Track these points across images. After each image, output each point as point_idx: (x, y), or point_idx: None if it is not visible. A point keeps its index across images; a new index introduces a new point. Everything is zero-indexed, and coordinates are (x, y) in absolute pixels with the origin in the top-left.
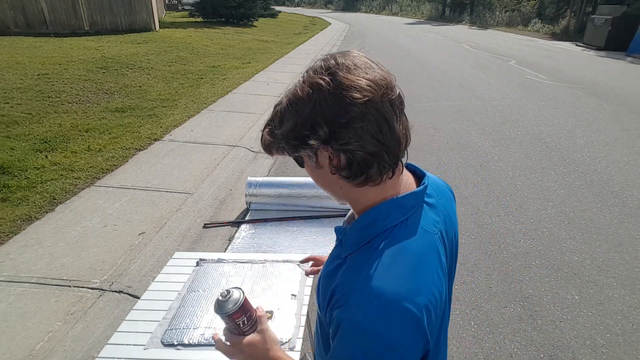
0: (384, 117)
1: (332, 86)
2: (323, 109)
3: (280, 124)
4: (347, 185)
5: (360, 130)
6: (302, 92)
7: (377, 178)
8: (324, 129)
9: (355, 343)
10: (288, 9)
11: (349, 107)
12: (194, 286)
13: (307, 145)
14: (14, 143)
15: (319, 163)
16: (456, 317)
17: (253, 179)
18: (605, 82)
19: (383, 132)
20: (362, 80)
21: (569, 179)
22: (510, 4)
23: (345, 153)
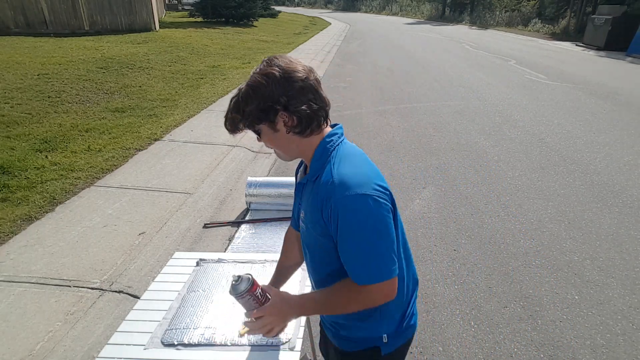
0: (314, 87)
1: (281, 72)
2: (278, 87)
3: (246, 104)
4: (298, 139)
5: (304, 97)
6: (260, 80)
7: (318, 128)
8: (283, 98)
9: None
10: (288, 9)
11: (295, 83)
12: (194, 286)
13: (271, 113)
14: (14, 143)
15: (276, 128)
16: (456, 317)
17: (253, 179)
18: (605, 82)
19: (316, 97)
20: (298, 66)
21: (569, 179)
22: (510, 4)
23: (296, 114)
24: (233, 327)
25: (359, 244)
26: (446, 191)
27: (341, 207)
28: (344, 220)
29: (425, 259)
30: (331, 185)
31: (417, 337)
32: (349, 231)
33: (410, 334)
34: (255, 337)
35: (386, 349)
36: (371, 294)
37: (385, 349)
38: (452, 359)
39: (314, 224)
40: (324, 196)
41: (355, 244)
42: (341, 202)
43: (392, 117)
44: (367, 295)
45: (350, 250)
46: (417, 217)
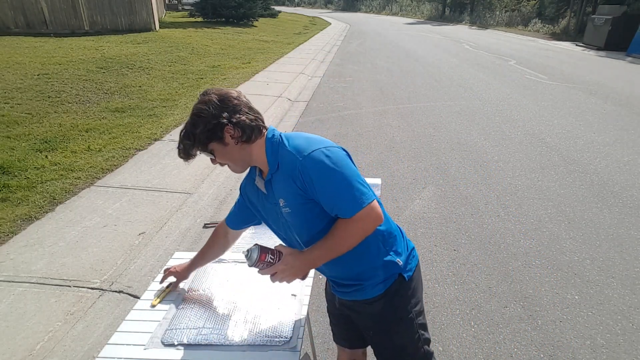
0: (247, 103)
1: (217, 97)
2: (218, 108)
3: (194, 129)
4: (247, 146)
5: (240, 112)
6: (201, 107)
7: (260, 133)
8: (224, 114)
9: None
10: (288, 9)
11: (230, 101)
12: (194, 286)
13: (218, 129)
14: (14, 143)
15: (225, 142)
16: (456, 317)
17: None
18: (605, 82)
19: (251, 110)
20: (230, 90)
21: (569, 179)
22: (510, 4)
23: (239, 125)
24: (233, 327)
25: (334, 186)
26: (446, 191)
27: (307, 167)
28: (314, 175)
29: (425, 259)
30: (292, 157)
31: None
32: (321, 181)
33: (416, 257)
34: (255, 337)
35: (407, 272)
36: (362, 220)
37: (406, 273)
38: (452, 359)
39: (295, 197)
40: (291, 170)
41: (331, 188)
42: (304, 164)
43: (392, 117)
44: (359, 223)
45: (330, 195)
46: (417, 217)
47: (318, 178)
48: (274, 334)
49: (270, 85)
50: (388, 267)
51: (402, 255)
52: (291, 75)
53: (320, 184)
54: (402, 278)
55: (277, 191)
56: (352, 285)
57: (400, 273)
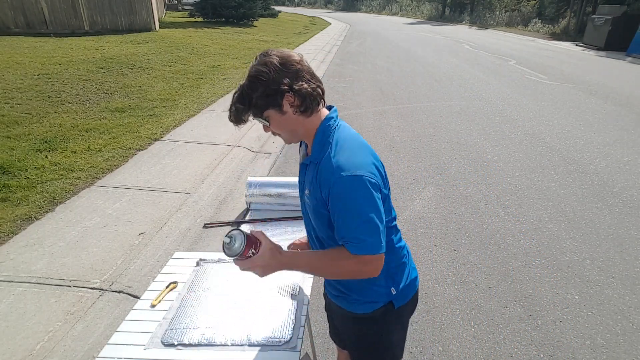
0: (309, 70)
1: (278, 59)
2: (279, 72)
3: (253, 92)
4: (303, 119)
5: (302, 78)
6: (261, 69)
7: (317, 107)
8: (285, 80)
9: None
10: (288, 9)
11: (292, 66)
12: (194, 286)
13: (278, 96)
14: (14, 143)
15: (283, 110)
16: (456, 317)
17: (253, 179)
18: (605, 82)
19: (313, 77)
20: (293, 54)
21: (569, 179)
22: (510, 4)
23: (299, 93)
24: (233, 327)
25: (354, 219)
26: (446, 191)
27: (340, 187)
28: (338, 200)
29: (425, 259)
30: (332, 168)
31: (417, 337)
32: (342, 210)
33: (415, 286)
34: (255, 337)
35: (398, 302)
36: (358, 263)
37: (398, 302)
38: (452, 359)
39: (316, 200)
40: (325, 177)
41: (347, 221)
42: (340, 183)
43: (392, 117)
44: (354, 264)
45: (343, 226)
46: (417, 217)
47: (341, 205)
48: (274, 334)
49: None
50: (380, 291)
51: (400, 284)
52: None
53: (340, 212)
54: (392, 305)
55: (307, 179)
56: (340, 291)
57: (391, 300)
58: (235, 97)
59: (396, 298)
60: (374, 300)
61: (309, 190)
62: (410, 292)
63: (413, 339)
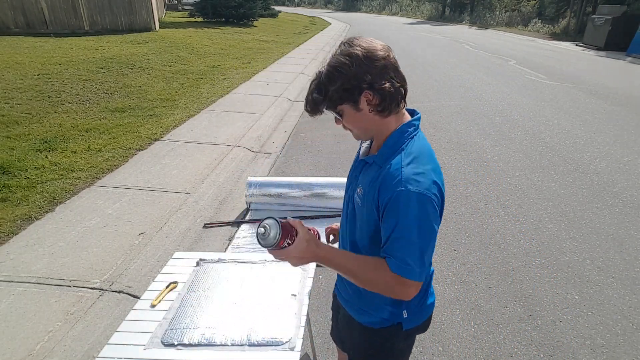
0: (395, 66)
1: (363, 52)
2: (362, 66)
3: (331, 84)
4: (378, 119)
5: (386, 75)
6: (343, 60)
7: (397, 108)
8: (367, 77)
9: (412, 203)
10: (288, 9)
11: (377, 61)
12: (194, 286)
13: (356, 92)
14: (14, 143)
15: (359, 107)
16: (456, 317)
17: (253, 179)
18: (605, 82)
19: (397, 75)
20: (378, 45)
21: (569, 179)
22: (510, 4)
23: (380, 92)
24: (233, 327)
25: (408, 239)
26: (446, 191)
27: (404, 200)
28: (400, 212)
29: None
30: (397, 177)
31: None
32: (402, 223)
33: (430, 311)
34: (255, 337)
35: (407, 325)
36: (392, 281)
37: (407, 325)
38: (452, 359)
39: (369, 202)
40: (387, 185)
41: (403, 237)
42: (402, 196)
43: None
44: (392, 284)
45: (397, 241)
46: None
47: (400, 220)
48: (274, 334)
49: (270, 85)
50: (392, 311)
51: (414, 308)
52: (291, 75)
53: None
54: (400, 325)
55: (364, 178)
56: (352, 297)
57: (400, 321)
58: (313, 86)
59: (406, 320)
60: (384, 317)
61: (362, 189)
62: (423, 317)
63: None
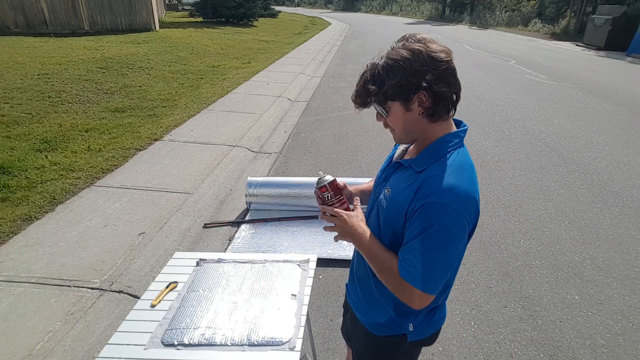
0: (454, 70)
1: (426, 51)
2: (424, 65)
3: (388, 78)
4: (425, 123)
5: (446, 79)
6: (405, 55)
7: (446, 115)
8: (428, 76)
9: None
10: (288, 9)
11: (440, 63)
12: (194, 286)
13: (411, 90)
14: (14, 143)
15: (410, 107)
16: (456, 317)
17: (253, 179)
18: (605, 82)
19: (455, 81)
20: (442, 47)
21: (569, 179)
22: (510, 4)
23: (436, 95)
24: (233, 327)
25: (429, 251)
26: None
27: (434, 211)
28: (427, 222)
29: None
30: (436, 187)
31: None
32: (425, 233)
33: (438, 326)
34: (255, 337)
35: (413, 337)
36: (404, 290)
37: (412, 337)
38: (452, 359)
39: (397, 206)
40: (423, 193)
41: (422, 246)
42: (431, 207)
43: None
44: (400, 287)
45: (413, 248)
46: None
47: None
48: (274, 334)
49: (270, 85)
50: (397, 321)
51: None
52: (291, 75)
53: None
54: (405, 337)
55: (396, 181)
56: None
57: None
58: (368, 76)
59: (412, 333)
60: (388, 326)
61: (390, 191)
62: (429, 331)
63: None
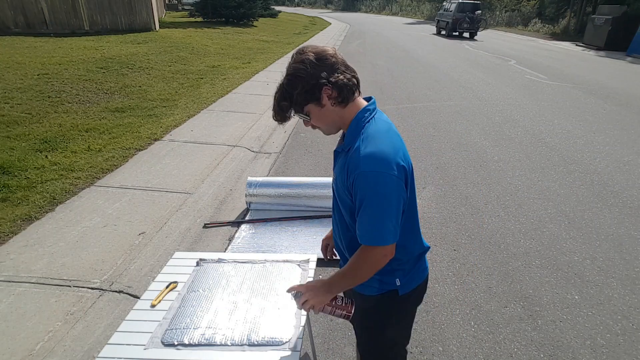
0: (343, 61)
1: (314, 55)
2: (316, 67)
3: (293, 90)
4: (340, 110)
5: (338, 70)
6: (297, 66)
7: (353, 96)
8: (323, 74)
9: (369, 182)
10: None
11: (327, 60)
12: (194, 286)
13: (316, 90)
14: (14, 143)
15: (322, 104)
16: (456, 317)
17: (253, 179)
18: (605, 82)
19: (347, 68)
20: (326, 48)
21: (569, 179)
22: (510, 4)
23: (336, 85)
24: (233, 327)
25: (369, 212)
26: (446, 191)
27: (361, 180)
28: (362, 191)
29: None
30: (357, 160)
31: (417, 337)
32: (363, 200)
33: (422, 277)
34: (255, 337)
35: (402, 290)
36: (373, 254)
37: (402, 290)
38: (452, 359)
39: (342, 187)
40: (351, 168)
41: (366, 211)
42: (362, 176)
43: (392, 117)
44: (369, 255)
45: (362, 216)
46: None
47: (361, 197)
48: (274, 334)
49: (270, 85)
50: (385, 280)
51: (406, 275)
52: None
53: (360, 202)
54: (396, 292)
55: (336, 167)
56: None
57: (395, 289)
58: (278, 96)
59: (400, 287)
60: (378, 287)
61: (335, 176)
62: (416, 281)
63: (413, 338)
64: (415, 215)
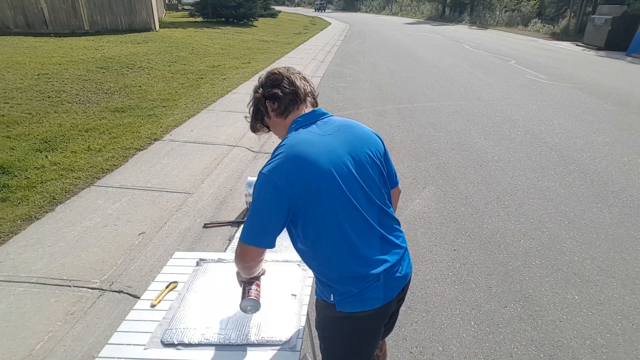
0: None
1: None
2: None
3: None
4: (281, 120)
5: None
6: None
7: (293, 107)
8: (260, 90)
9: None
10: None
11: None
12: (194, 286)
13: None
14: (14, 143)
15: (269, 116)
16: (456, 317)
17: (253, 179)
18: (605, 82)
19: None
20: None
21: (569, 179)
22: (510, 4)
23: (272, 98)
24: (233, 327)
25: (250, 211)
26: (446, 191)
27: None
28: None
29: (425, 259)
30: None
31: (417, 337)
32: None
33: (368, 305)
34: (255, 337)
35: (340, 307)
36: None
37: (340, 307)
38: (452, 359)
39: None
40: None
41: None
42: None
43: (392, 117)
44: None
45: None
46: (417, 217)
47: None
48: (273, 334)
49: None
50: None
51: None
52: None
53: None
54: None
55: None
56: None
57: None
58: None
59: (338, 304)
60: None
61: None
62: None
63: (413, 338)
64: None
